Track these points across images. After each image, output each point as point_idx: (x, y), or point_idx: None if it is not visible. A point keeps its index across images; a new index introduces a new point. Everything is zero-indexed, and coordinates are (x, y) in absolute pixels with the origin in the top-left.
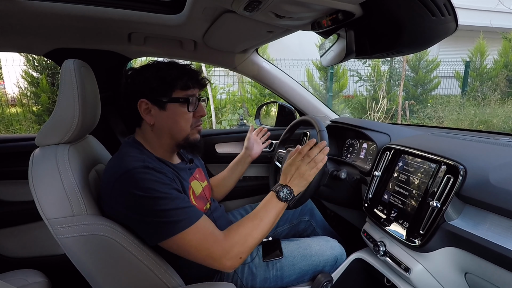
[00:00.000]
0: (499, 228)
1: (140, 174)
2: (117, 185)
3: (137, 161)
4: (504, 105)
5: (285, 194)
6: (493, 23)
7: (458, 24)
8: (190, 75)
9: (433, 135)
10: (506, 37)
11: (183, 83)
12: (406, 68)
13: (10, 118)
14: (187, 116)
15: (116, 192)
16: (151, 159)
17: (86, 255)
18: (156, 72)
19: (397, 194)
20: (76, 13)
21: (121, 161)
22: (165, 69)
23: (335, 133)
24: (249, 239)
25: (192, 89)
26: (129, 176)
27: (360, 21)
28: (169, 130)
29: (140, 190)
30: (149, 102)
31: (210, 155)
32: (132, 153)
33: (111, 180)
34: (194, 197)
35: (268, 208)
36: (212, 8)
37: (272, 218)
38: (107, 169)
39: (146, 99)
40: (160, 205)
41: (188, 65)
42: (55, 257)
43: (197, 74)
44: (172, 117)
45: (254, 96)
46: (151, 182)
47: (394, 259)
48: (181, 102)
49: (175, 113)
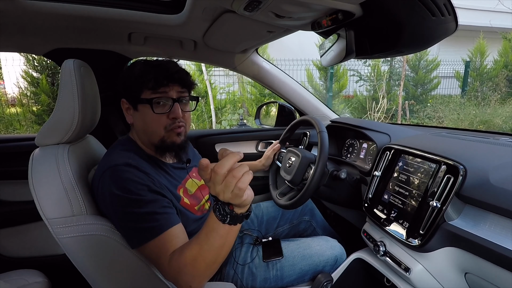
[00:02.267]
0: (499, 228)
1: (119, 172)
2: (101, 181)
3: (121, 157)
4: (504, 105)
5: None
6: (493, 23)
7: (458, 24)
8: (159, 72)
9: (433, 135)
10: (506, 37)
11: (150, 83)
12: (406, 68)
13: (10, 118)
14: (156, 117)
15: (100, 189)
16: (137, 157)
17: (86, 255)
18: (131, 71)
19: (397, 194)
20: (76, 13)
21: (107, 157)
22: (137, 67)
23: (335, 133)
24: (193, 268)
25: (163, 87)
26: (110, 173)
27: (360, 21)
28: (144, 131)
29: (117, 189)
30: (127, 102)
31: (210, 155)
32: (119, 149)
33: (97, 177)
34: (187, 196)
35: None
36: (212, 8)
37: (216, 243)
38: (97, 168)
39: (125, 99)
40: (133, 207)
41: (163, 60)
42: (55, 257)
43: (169, 70)
44: (143, 118)
45: (254, 96)
46: (129, 181)
47: (394, 259)
48: (149, 103)
49: (145, 114)
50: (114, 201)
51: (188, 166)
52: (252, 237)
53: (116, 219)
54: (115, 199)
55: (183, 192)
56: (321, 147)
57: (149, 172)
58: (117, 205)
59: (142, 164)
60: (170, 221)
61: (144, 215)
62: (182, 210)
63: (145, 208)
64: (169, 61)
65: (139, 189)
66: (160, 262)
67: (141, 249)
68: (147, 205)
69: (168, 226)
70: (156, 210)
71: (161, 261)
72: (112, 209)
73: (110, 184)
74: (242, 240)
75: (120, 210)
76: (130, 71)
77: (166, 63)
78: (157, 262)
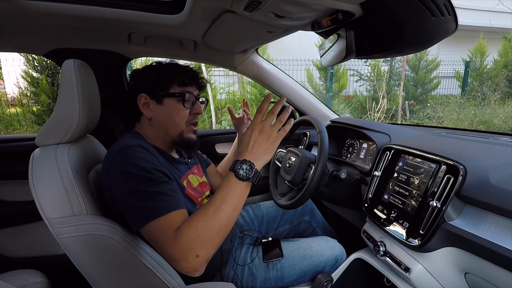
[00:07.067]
0: (499, 228)
1: (133, 151)
2: (114, 162)
3: (133, 141)
4: (504, 105)
5: (245, 171)
6: (493, 23)
7: (458, 24)
8: (188, 73)
9: (433, 135)
10: (506, 37)
11: (180, 79)
12: (406, 68)
13: (10, 118)
14: (182, 112)
15: (112, 170)
16: (147, 144)
17: (86, 255)
18: (156, 69)
19: (397, 194)
20: (76, 13)
21: (117, 143)
22: (164, 66)
23: (335, 133)
24: (204, 233)
25: (189, 86)
26: (124, 153)
27: (360, 21)
28: (165, 124)
29: (131, 166)
30: (148, 97)
31: (210, 155)
32: (129, 136)
33: (108, 161)
34: (190, 188)
35: (226, 191)
36: (212, 8)
37: (232, 203)
38: (106, 155)
39: (146, 94)
40: (144, 185)
41: (188, 65)
42: (55, 257)
43: (195, 74)
44: (168, 112)
45: (254, 96)
46: (141, 159)
47: (394, 259)
48: (177, 97)
49: (171, 108)
50: (128, 178)
51: (190, 162)
52: (252, 238)
53: (125, 196)
54: (128, 176)
55: (186, 183)
56: (321, 147)
57: (158, 158)
58: (129, 182)
59: (152, 150)
60: (177, 204)
61: (154, 194)
62: (186, 198)
63: (156, 188)
64: (189, 65)
65: (151, 168)
66: (164, 238)
67: (146, 229)
68: (158, 185)
69: (174, 208)
70: (165, 191)
71: (166, 236)
72: (123, 187)
73: (124, 163)
74: (242, 240)
75: (131, 187)
76: (156, 69)
77: (188, 66)
78: (161, 240)
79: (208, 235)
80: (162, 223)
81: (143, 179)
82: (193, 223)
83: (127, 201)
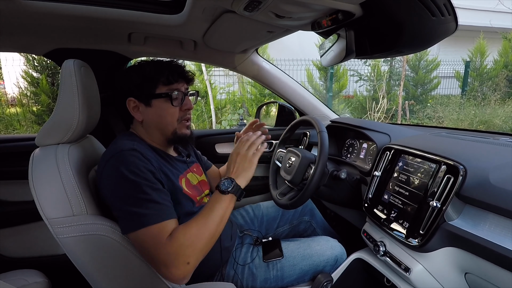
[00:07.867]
0: (499, 228)
1: (126, 156)
2: (108, 166)
3: (126, 144)
4: (504, 105)
5: (226, 185)
6: (493, 23)
7: (458, 24)
8: (172, 70)
9: (433, 135)
10: (506, 37)
11: (164, 78)
12: (406, 68)
13: (10, 118)
14: (172, 110)
15: (106, 173)
16: (141, 145)
17: (86, 255)
18: (139, 70)
19: (397, 194)
20: (76, 13)
21: (112, 146)
22: (147, 67)
23: (335, 133)
24: (196, 241)
25: (176, 83)
26: (118, 157)
27: (360, 21)
28: (157, 125)
29: (124, 171)
30: (136, 100)
31: (210, 155)
32: (123, 139)
33: (102, 164)
34: (188, 187)
35: (213, 203)
36: (212, 8)
37: (219, 213)
38: (100, 158)
39: (133, 97)
40: (136, 191)
41: (172, 60)
42: (55, 257)
43: (179, 68)
44: (158, 113)
45: (254, 96)
46: (134, 164)
47: (394, 259)
48: (164, 97)
49: (160, 109)
50: (121, 183)
51: (188, 160)
52: (252, 238)
53: (116, 200)
54: (121, 180)
55: (185, 181)
56: (321, 147)
57: (152, 160)
58: (121, 187)
59: (146, 151)
60: (170, 214)
61: (146, 201)
62: (184, 198)
63: (148, 195)
64: (173, 60)
65: (144, 173)
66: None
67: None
68: (151, 192)
69: (168, 217)
70: (157, 200)
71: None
72: (115, 190)
73: (117, 167)
74: (242, 240)
75: (122, 193)
76: (139, 70)
77: (171, 62)
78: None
79: (200, 243)
80: (155, 230)
81: (136, 185)
82: (187, 230)
83: (119, 206)
